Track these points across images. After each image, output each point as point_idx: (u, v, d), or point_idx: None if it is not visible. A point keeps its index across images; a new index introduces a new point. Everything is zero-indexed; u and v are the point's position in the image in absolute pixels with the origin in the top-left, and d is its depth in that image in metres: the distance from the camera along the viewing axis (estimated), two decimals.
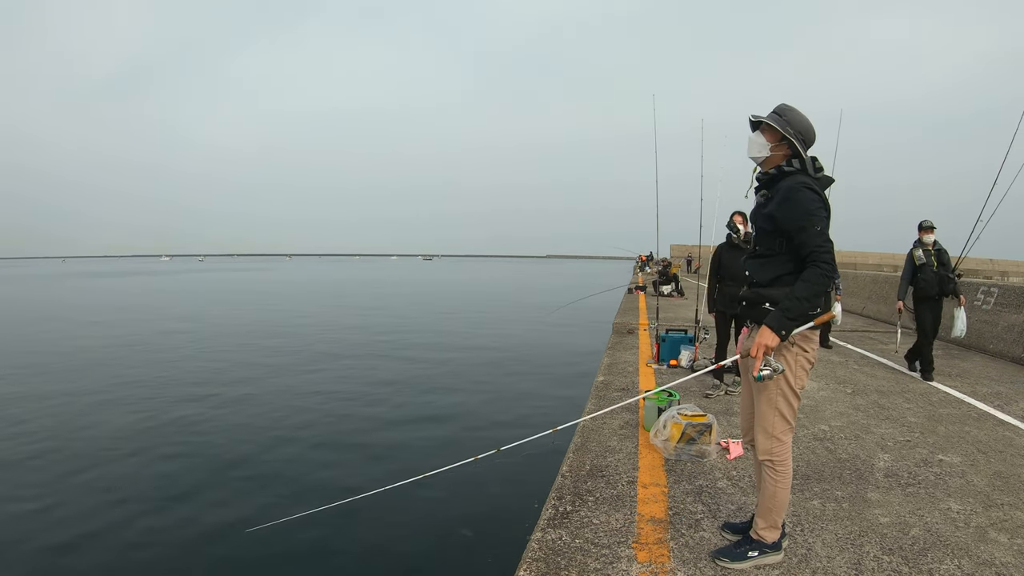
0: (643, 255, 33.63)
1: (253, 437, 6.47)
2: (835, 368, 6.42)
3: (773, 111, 2.31)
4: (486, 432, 6.74)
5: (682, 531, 2.61)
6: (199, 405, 7.82)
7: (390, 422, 7.18)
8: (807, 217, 2.13)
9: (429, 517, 4.56)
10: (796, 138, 2.24)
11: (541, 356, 12.00)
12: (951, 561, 2.36)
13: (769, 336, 2.11)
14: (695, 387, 5.33)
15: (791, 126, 2.24)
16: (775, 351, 2.18)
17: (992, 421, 4.40)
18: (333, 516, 4.10)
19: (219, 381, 9.37)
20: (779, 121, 2.26)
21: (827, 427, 4.19)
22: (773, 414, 2.26)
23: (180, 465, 5.60)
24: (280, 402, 8.02)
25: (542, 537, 2.56)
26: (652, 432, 3.72)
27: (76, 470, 5.48)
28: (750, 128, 2.37)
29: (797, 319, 2.12)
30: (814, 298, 2.11)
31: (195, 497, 4.88)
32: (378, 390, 8.85)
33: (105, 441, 6.33)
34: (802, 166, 2.24)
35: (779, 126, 2.25)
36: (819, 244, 2.10)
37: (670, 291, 16.49)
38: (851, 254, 42.14)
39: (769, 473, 2.29)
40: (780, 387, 2.23)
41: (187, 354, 11.91)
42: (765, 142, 2.29)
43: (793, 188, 2.18)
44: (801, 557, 2.38)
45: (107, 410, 7.58)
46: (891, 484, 3.16)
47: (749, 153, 2.36)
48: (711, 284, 5.20)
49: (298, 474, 5.41)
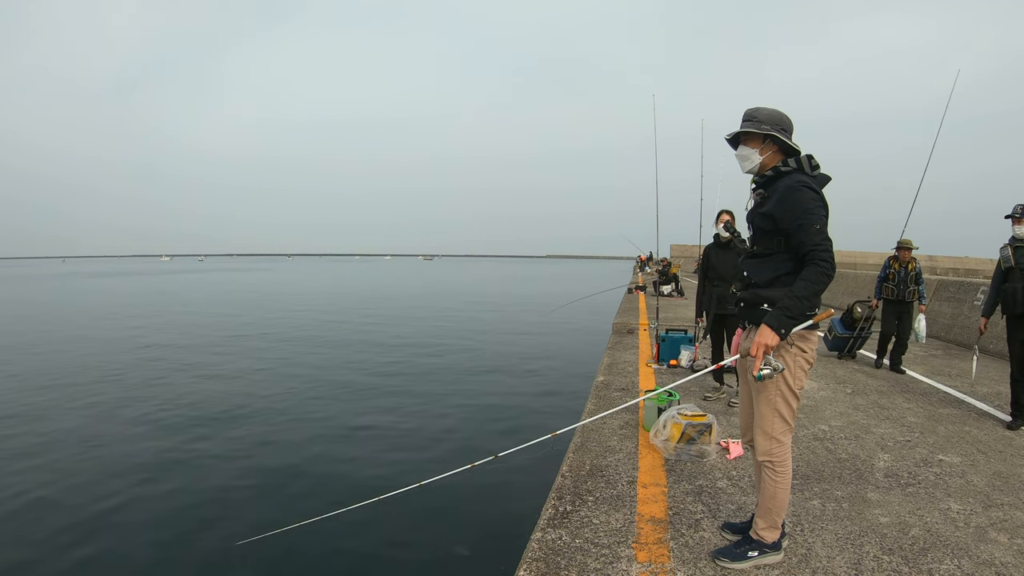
0: (643, 255, 33.63)
1: (248, 447, 6.39)
2: (835, 368, 6.42)
3: (743, 120, 2.33)
4: (484, 434, 6.73)
5: (682, 531, 2.61)
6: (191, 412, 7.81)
7: (387, 428, 7.18)
8: (805, 215, 2.12)
9: (429, 518, 4.56)
10: (775, 129, 2.25)
11: (541, 356, 12.00)
12: (951, 561, 2.36)
13: (769, 335, 2.10)
14: (695, 387, 5.33)
15: (764, 123, 2.26)
16: (774, 351, 2.18)
17: (992, 421, 4.40)
18: (330, 526, 4.06)
19: (218, 390, 9.36)
20: (752, 124, 2.28)
21: (827, 427, 4.19)
22: (772, 415, 2.26)
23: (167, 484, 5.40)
24: (268, 409, 8.01)
25: (542, 537, 2.56)
26: (652, 432, 3.72)
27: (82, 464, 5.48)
28: (732, 148, 2.41)
29: (797, 318, 2.12)
30: (813, 297, 2.11)
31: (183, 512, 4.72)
32: (376, 391, 8.85)
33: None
34: (799, 165, 2.24)
35: (754, 128, 2.27)
36: (818, 242, 2.10)
37: (670, 291, 16.50)
38: (851, 254, 42.11)
39: (768, 474, 2.29)
40: (779, 388, 2.23)
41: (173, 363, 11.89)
42: (751, 150, 2.31)
43: (791, 187, 2.18)
44: (801, 557, 2.38)
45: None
46: (891, 484, 3.16)
47: (743, 170, 2.39)
48: (701, 285, 5.20)
49: (289, 485, 5.33)
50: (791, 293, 2.11)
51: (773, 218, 2.22)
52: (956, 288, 9.23)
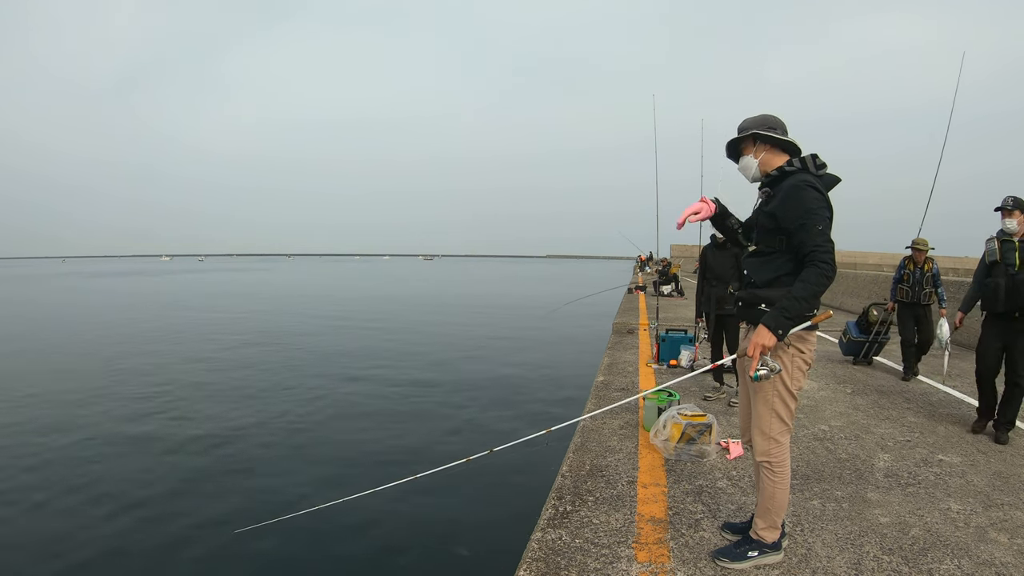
0: (643, 255, 33.60)
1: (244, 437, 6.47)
2: (835, 368, 6.42)
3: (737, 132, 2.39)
4: (482, 432, 6.74)
5: (682, 531, 2.61)
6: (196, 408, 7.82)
7: (384, 423, 7.18)
8: (808, 215, 2.12)
9: (430, 517, 4.56)
10: (758, 128, 2.29)
11: (541, 356, 12.00)
12: (951, 561, 2.36)
13: (766, 336, 2.10)
14: (695, 387, 5.33)
15: (749, 127, 2.32)
16: (772, 352, 2.18)
17: (992, 421, 4.39)
18: (327, 517, 4.08)
19: (229, 384, 9.37)
20: (740, 130, 2.35)
21: (827, 427, 4.19)
22: (770, 415, 2.26)
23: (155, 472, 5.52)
24: (267, 402, 8.02)
25: (542, 537, 2.56)
26: (652, 432, 3.72)
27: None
28: (734, 160, 2.45)
29: (795, 319, 2.12)
30: (812, 298, 2.10)
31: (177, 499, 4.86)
32: (372, 390, 8.85)
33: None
34: (803, 165, 2.25)
35: (740, 132, 2.34)
36: (819, 243, 2.09)
37: (670, 291, 16.49)
38: (851, 254, 42.13)
39: (767, 474, 2.29)
40: (776, 389, 2.23)
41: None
42: (746, 157, 2.36)
43: (795, 187, 2.18)
44: (801, 557, 2.38)
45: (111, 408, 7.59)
46: (891, 484, 3.16)
47: (749, 180, 2.42)
48: (700, 286, 5.20)
49: (282, 478, 5.36)
50: (789, 294, 2.10)
51: (776, 217, 2.22)
52: (956, 288, 9.24)
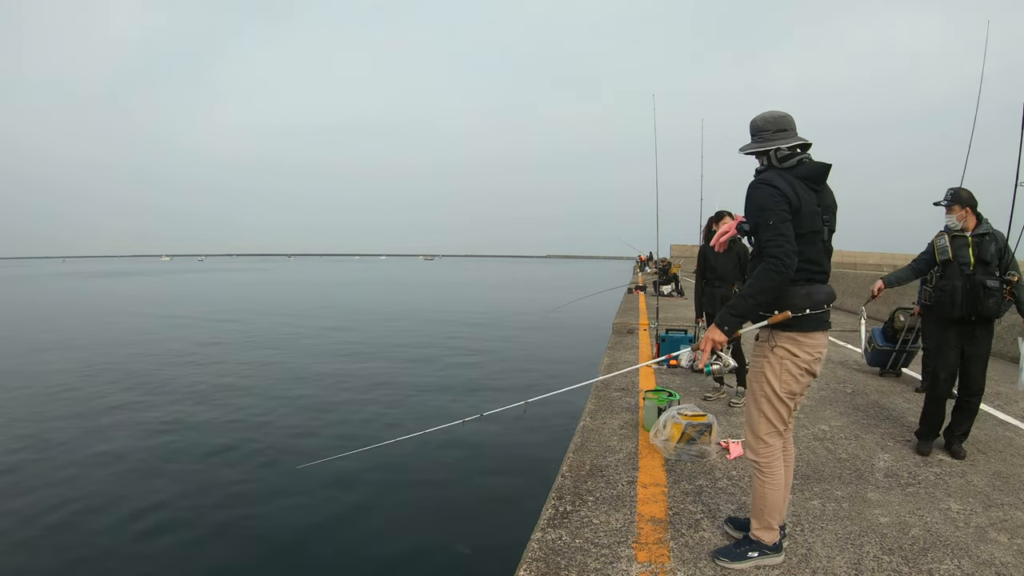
0: (642, 255, 33.61)
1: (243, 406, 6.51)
2: (835, 368, 6.41)
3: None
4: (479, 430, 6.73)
5: (682, 531, 2.61)
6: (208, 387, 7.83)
7: (381, 416, 7.18)
8: (759, 213, 2.13)
9: (430, 517, 4.56)
10: (749, 148, 2.28)
11: (541, 356, 12.00)
12: (951, 561, 2.36)
13: (715, 331, 2.16)
14: (695, 387, 5.34)
15: (752, 131, 2.28)
16: (759, 352, 2.24)
17: (992, 421, 4.40)
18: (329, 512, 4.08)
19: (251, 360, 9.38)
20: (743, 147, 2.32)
21: (827, 427, 4.19)
22: (757, 414, 2.29)
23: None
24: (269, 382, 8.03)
25: (542, 537, 2.56)
26: (652, 432, 3.72)
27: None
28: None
29: (743, 316, 2.14)
30: (759, 295, 2.09)
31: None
32: (371, 389, 8.85)
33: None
34: (769, 162, 2.24)
35: (743, 152, 2.32)
36: (769, 239, 2.08)
37: (670, 291, 16.49)
38: (851, 254, 42.13)
39: (756, 474, 2.31)
40: (762, 388, 2.25)
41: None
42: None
43: (750, 187, 2.21)
44: (801, 557, 2.38)
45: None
46: (891, 484, 3.16)
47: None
48: (698, 285, 5.20)
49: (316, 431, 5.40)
50: (740, 291, 2.15)
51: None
52: None
